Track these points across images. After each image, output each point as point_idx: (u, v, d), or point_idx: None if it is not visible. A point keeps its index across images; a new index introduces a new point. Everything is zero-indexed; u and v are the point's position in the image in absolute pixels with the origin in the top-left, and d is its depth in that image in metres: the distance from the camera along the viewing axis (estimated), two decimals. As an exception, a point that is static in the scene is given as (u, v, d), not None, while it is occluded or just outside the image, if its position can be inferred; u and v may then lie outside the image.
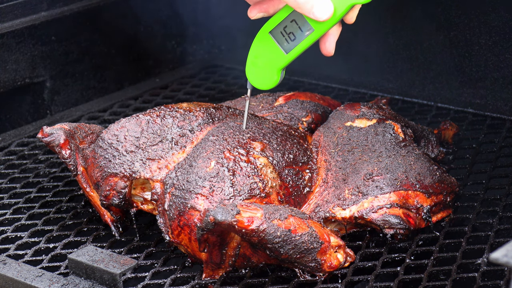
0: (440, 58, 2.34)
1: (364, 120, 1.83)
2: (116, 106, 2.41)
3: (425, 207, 1.72)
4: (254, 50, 1.66)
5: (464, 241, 1.70)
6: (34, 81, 2.36)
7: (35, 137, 2.20)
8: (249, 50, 1.67)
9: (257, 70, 1.67)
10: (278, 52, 1.65)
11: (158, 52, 2.65)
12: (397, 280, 1.60)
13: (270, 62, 1.66)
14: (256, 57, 1.67)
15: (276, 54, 1.65)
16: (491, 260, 1.11)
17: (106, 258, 1.61)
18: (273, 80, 1.67)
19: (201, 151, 1.69)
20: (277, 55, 1.65)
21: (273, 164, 1.69)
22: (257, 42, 1.66)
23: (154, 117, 1.78)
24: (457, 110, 2.28)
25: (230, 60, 2.69)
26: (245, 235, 1.54)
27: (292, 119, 1.90)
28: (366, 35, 2.44)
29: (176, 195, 1.64)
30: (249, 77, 1.68)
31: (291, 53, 1.64)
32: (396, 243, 1.70)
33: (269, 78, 1.67)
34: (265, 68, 1.66)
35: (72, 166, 1.80)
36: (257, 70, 1.67)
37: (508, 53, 2.23)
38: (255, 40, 1.66)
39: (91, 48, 2.47)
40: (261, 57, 1.66)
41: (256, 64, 1.67)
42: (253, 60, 1.67)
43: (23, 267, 1.66)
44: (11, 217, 1.89)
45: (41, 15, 2.36)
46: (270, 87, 1.68)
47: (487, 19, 2.24)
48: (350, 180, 1.72)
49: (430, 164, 1.77)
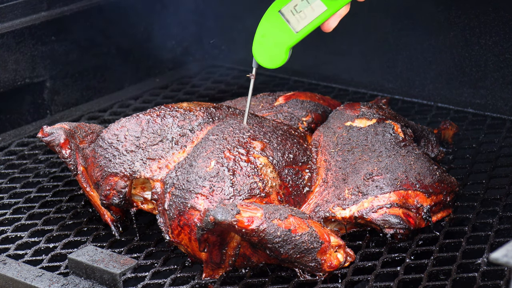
0: (440, 58, 2.34)
1: (364, 120, 1.83)
2: (116, 106, 2.41)
3: (425, 207, 1.72)
4: (262, 28, 1.65)
5: (464, 241, 1.70)
6: (34, 81, 2.36)
7: (35, 137, 2.20)
8: (257, 28, 1.66)
9: (264, 48, 1.66)
10: (287, 30, 1.64)
11: (158, 52, 2.65)
12: (397, 280, 1.60)
13: (279, 40, 1.65)
14: (264, 36, 1.66)
15: (285, 33, 1.64)
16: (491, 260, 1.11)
17: (106, 258, 1.61)
18: (281, 59, 1.66)
19: (201, 151, 1.69)
20: (286, 34, 1.65)
21: (273, 164, 1.69)
22: (266, 20, 1.65)
23: (154, 117, 1.78)
24: (457, 110, 2.28)
25: (230, 60, 2.69)
26: (245, 235, 1.54)
27: (292, 119, 1.90)
28: (366, 35, 2.44)
29: (176, 194, 1.64)
30: (255, 56, 1.68)
31: (301, 31, 1.64)
32: (396, 243, 1.70)
33: (277, 57, 1.66)
34: (274, 46, 1.66)
35: (72, 165, 1.80)
36: (264, 49, 1.66)
37: (508, 53, 2.23)
38: (263, 19, 1.65)
39: (91, 48, 2.47)
40: (269, 36, 1.65)
41: (263, 43, 1.66)
42: (261, 38, 1.66)
43: (23, 267, 1.66)
44: (11, 217, 1.89)
45: (41, 15, 2.36)
46: (277, 65, 1.67)
47: (487, 19, 2.24)
48: (350, 180, 1.72)
49: (430, 164, 1.77)
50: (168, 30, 2.65)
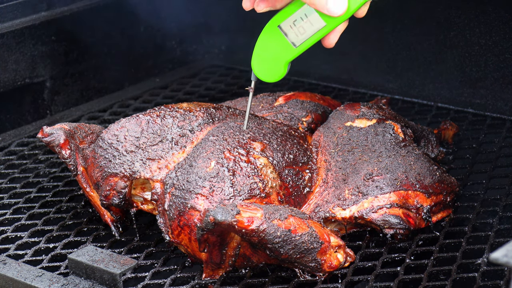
0: (440, 58, 2.34)
1: (364, 120, 1.83)
2: (116, 106, 2.41)
3: (425, 207, 1.72)
4: (261, 43, 1.66)
5: (464, 241, 1.70)
6: (34, 81, 2.36)
7: (35, 137, 2.20)
8: (256, 43, 1.66)
9: (263, 62, 1.67)
10: (286, 45, 1.65)
11: (158, 52, 2.65)
12: (397, 280, 1.60)
13: (278, 55, 1.66)
14: (263, 50, 1.66)
15: (284, 48, 1.65)
16: (491, 260, 1.11)
17: (106, 258, 1.61)
18: (280, 73, 1.67)
19: (201, 151, 1.69)
20: (285, 49, 1.65)
21: (273, 164, 1.69)
22: (265, 35, 1.65)
23: (154, 117, 1.78)
24: (457, 110, 2.28)
25: (230, 60, 2.69)
26: (245, 235, 1.54)
27: (292, 119, 1.90)
28: (366, 35, 2.44)
29: (176, 195, 1.64)
30: (254, 69, 1.68)
31: (300, 46, 1.64)
32: (396, 243, 1.70)
33: (276, 71, 1.67)
34: (272, 60, 1.66)
35: (72, 166, 1.80)
36: (263, 63, 1.67)
37: (508, 53, 2.23)
38: (262, 33, 1.65)
39: (91, 48, 2.47)
40: (268, 50, 1.66)
41: (262, 57, 1.67)
42: (260, 52, 1.66)
43: (23, 267, 1.66)
44: (11, 217, 1.89)
45: (41, 15, 2.36)
46: (276, 79, 1.68)
47: (487, 19, 2.24)
48: (350, 180, 1.73)
49: (430, 164, 1.77)
50: (168, 30, 2.65)
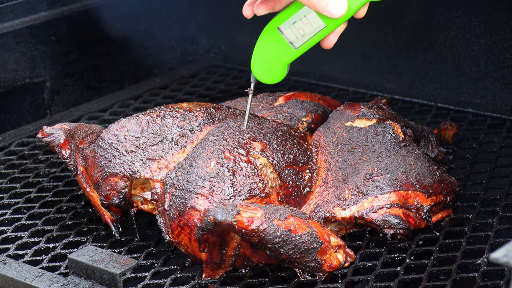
0: (440, 58, 2.34)
1: (364, 120, 1.83)
2: (116, 106, 2.41)
3: (425, 207, 1.72)
4: (261, 44, 1.66)
5: (464, 241, 1.70)
6: (34, 81, 2.36)
7: (35, 137, 2.20)
8: (255, 45, 1.67)
9: (263, 64, 1.67)
10: (286, 47, 1.65)
11: (158, 52, 2.65)
12: (397, 280, 1.60)
13: (277, 57, 1.66)
14: (262, 52, 1.66)
15: (284, 49, 1.65)
16: (491, 260, 1.11)
17: (106, 258, 1.61)
18: (280, 75, 1.67)
19: (201, 151, 1.69)
20: (285, 50, 1.65)
21: (273, 164, 1.69)
22: (265, 37, 1.66)
23: (154, 117, 1.78)
24: (457, 110, 2.28)
25: (230, 60, 2.69)
26: (245, 235, 1.54)
27: (292, 119, 1.90)
28: (366, 35, 2.44)
29: (176, 195, 1.64)
30: (254, 71, 1.68)
31: (300, 48, 1.64)
32: (396, 243, 1.70)
33: (276, 73, 1.67)
34: (272, 62, 1.66)
35: (72, 166, 1.80)
36: (263, 64, 1.67)
37: (508, 53, 2.23)
38: (262, 35, 1.66)
39: (91, 48, 2.47)
40: (268, 52, 1.66)
41: (262, 59, 1.67)
42: (260, 54, 1.67)
43: (23, 267, 1.66)
44: (11, 217, 1.89)
45: (41, 15, 2.36)
46: (276, 81, 1.68)
47: (487, 19, 2.24)
48: (350, 180, 1.73)
49: (430, 164, 1.77)
50: (168, 30, 2.65)
